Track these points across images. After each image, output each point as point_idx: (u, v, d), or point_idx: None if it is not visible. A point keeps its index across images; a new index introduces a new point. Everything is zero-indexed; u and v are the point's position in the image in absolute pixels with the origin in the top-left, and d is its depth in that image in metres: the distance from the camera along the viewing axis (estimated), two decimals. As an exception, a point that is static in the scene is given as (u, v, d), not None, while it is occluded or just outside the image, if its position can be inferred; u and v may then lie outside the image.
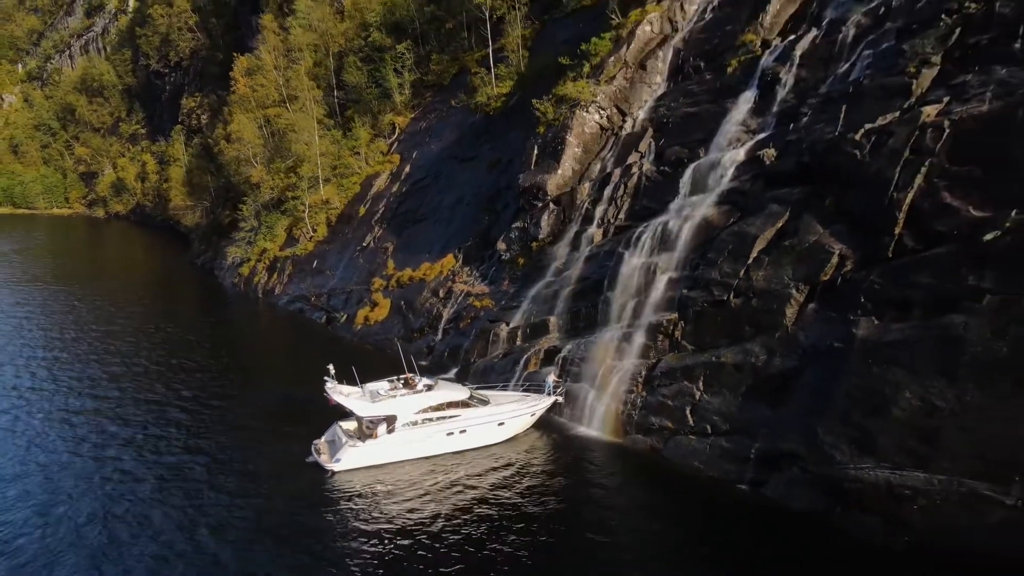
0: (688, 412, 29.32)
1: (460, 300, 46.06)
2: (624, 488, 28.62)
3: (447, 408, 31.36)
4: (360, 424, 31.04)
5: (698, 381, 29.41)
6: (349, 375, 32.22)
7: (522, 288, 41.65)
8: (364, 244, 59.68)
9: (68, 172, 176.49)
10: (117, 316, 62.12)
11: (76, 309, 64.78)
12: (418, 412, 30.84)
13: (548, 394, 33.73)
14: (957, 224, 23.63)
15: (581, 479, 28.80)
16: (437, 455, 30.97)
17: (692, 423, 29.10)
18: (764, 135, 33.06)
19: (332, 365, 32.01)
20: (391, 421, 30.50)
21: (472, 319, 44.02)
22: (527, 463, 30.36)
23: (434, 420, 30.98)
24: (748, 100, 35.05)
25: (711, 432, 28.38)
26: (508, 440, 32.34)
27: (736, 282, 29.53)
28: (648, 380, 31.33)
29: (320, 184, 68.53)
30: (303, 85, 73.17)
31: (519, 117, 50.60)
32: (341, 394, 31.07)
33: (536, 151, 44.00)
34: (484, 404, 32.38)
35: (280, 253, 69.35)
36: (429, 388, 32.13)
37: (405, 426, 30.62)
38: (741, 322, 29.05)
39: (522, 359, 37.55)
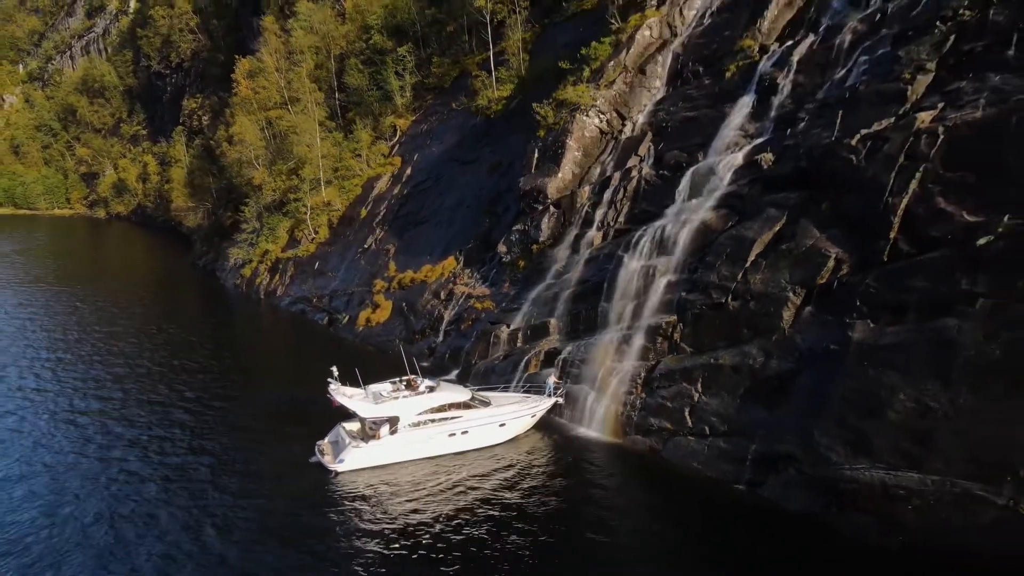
0: (687, 413, 29.69)
1: (461, 302, 46.39)
2: (624, 488, 29.00)
3: (449, 409, 31.73)
4: (363, 425, 31.40)
5: (696, 383, 29.77)
6: (352, 377, 32.60)
7: (523, 290, 41.97)
8: (366, 246, 59.96)
9: (69, 173, 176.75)
10: (120, 317, 62.46)
11: (79, 310, 65.07)
12: (420, 413, 31.20)
13: (548, 395, 34.07)
14: (951, 229, 24.03)
15: (581, 479, 29.16)
16: (439, 456, 31.35)
17: (691, 424, 29.47)
18: (762, 140, 33.43)
19: (335, 367, 32.43)
20: (394, 422, 30.88)
21: (473, 321, 44.35)
22: (528, 464, 30.72)
23: (436, 421, 31.35)
24: (746, 105, 35.40)
25: (709, 433, 28.75)
26: (509, 441, 32.71)
27: (734, 285, 29.89)
28: (647, 382, 31.68)
29: (322, 186, 68.78)
30: (305, 87, 73.36)
31: (519, 120, 50.87)
32: (344, 395, 31.46)
33: (536, 155, 44.34)
34: (485, 405, 32.72)
35: (282, 255, 69.61)
36: (431, 390, 32.48)
37: (408, 427, 30.99)
38: (739, 325, 29.41)
39: (523, 361, 37.87)
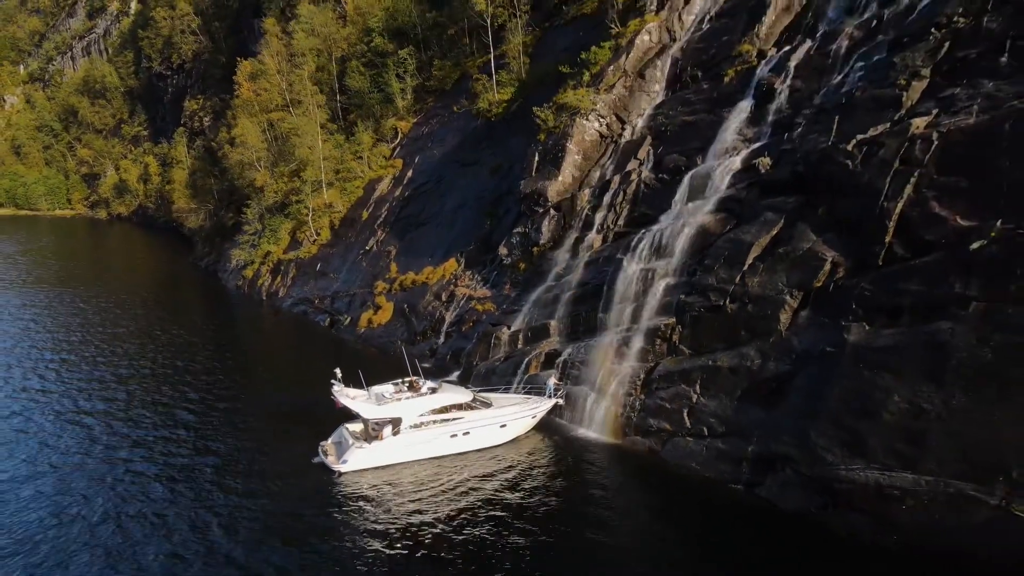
0: (685, 414, 30.10)
1: (462, 304, 46.77)
2: (623, 489, 29.43)
3: (451, 410, 32.13)
4: (366, 426, 31.74)
5: (695, 384, 30.19)
6: (354, 378, 33.01)
7: (523, 292, 42.35)
8: (367, 248, 60.32)
9: (70, 173, 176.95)
10: (122, 318, 62.83)
11: (82, 311, 65.40)
12: (422, 414, 31.60)
13: (549, 397, 34.47)
14: (945, 233, 24.46)
15: (581, 480, 29.56)
16: (441, 456, 31.75)
17: (689, 425, 29.87)
18: (760, 144, 33.84)
19: (339, 369, 32.88)
20: (396, 423, 31.28)
21: (474, 322, 44.73)
22: (529, 464, 31.12)
23: (438, 422, 31.74)
24: (744, 110, 35.80)
25: (707, 434, 29.16)
26: (510, 441, 33.10)
27: (732, 288, 30.29)
28: (647, 383, 32.08)
29: (323, 188, 69.11)
30: (306, 89, 73.63)
31: (520, 123, 51.22)
32: (348, 397, 31.88)
33: (537, 158, 44.72)
34: (487, 406, 33.11)
35: (284, 256, 69.93)
36: (433, 391, 32.87)
37: (410, 428, 31.39)
38: (737, 327, 29.82)
39: (523, 362, 38.24)
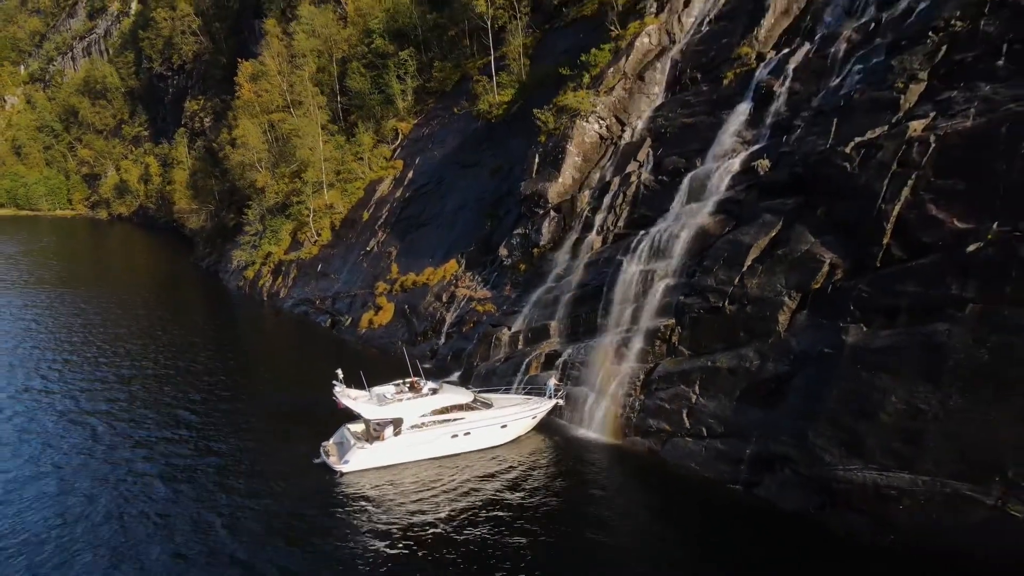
0: (685, 415, 30.30)
1: (463, 304, 46.97)
2: (623, 489, 29.65)
3: (452, 411, 32.33)
4: (368, 426, 31.98)
5: (694, 385, 30.39)
6: (356, 379, 33.22)
7: (523, 293, 42.54)
8: (368, 248, 60.51)
9: (71, 174, 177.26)
10: (124, 319, 63.06)
11: (84, 311, 65.62)
12: (424, 415, 31.82)
13: (549, 397, 34.66)
14: (942, 235, 24.65)
15: (581, 480, 29.78)
16: (442, 456, 31.96)
17: (688, 426, 30.07)
18: (758, 146, 34.03)
19: (340, 370, 33.09)
20: (398, 424, 31.50)
21: (475, 323, 44.93)
22: (529, 464, 31.32)
23: (439, 423, 31.96)
24: (743, 112, 35.97)
25: (707, 434, 29.37)
26: (511, 442, 33.31)
27: (731, 289, 30.49)
28: (646, 384, 32.29)
29: (324, 189, 69.31)
30: (307, 91, 73.85)
31: (520, 124, 51.40)
32: (349, 397, 32.09)
33: (537, 159, 44.90)
34: (487, 407, 33.32)
35: (285, 257, 70.13)
36: (434, 392, 33.08)
37: (411, 428, 31.60)
38: (736, 328, 30.02)
39: (524, 363, 38.44)
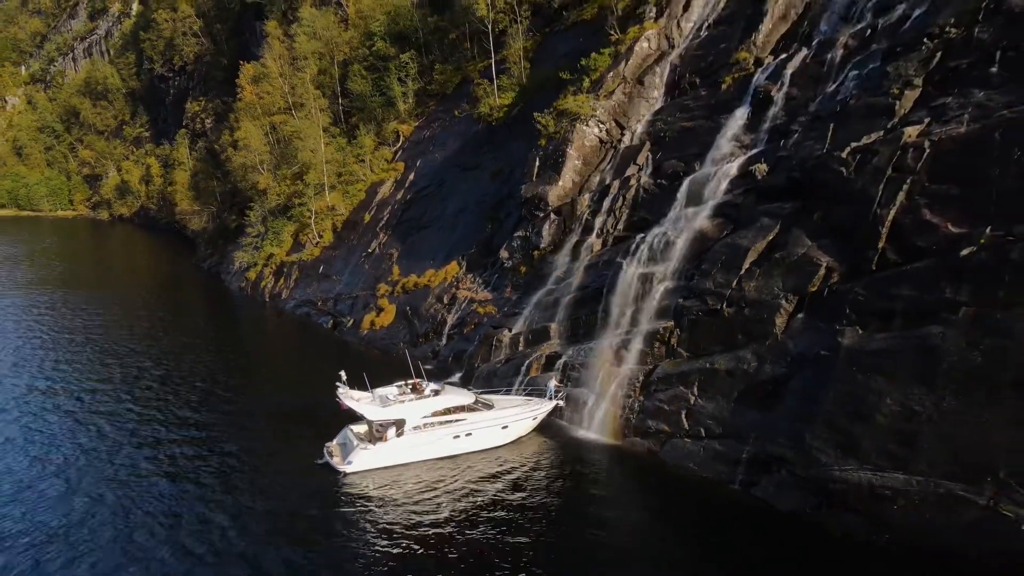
0: (683, 416, 30.72)
1: (464, 306, 47.38)
2: (623, 489, 30.12)
3: (453, 412, 32.76)
4: (370, 427, 32.39)
5: (693, 386, 30.82)
6: (359, 380, 33.63)
7: (524, 295, 42.93)
8: (369, 250, 60.88)
9: (72, 174, 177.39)
10: (126, 320, 63.46)
11: (86, 312, 65.95)
12: (426, 416, 32.24)
13: (550, 398, 35.07)
14: (936, 240, 25.11)
15: (582, 480, 30.21)
16: (444, 457, 32.37)
17: (687, 427, 30.49)
18: (756, 151, 34.42)
19: (344, 371, 33.51)
20: (400, 425, 31.93)
21: (476, 325, 45.33)
22: (530, 465, 31.73)
23: (441, 424, 32.39)
24: (741, 116, 36.36)
25: (705, 435, 29.80)
26: (511, 443, 33.72)
27: (729, 292, 30.92)
28: (645, 385, 32.71)
29: (326, 191, 69.64)
30: (308, 93, 74.17)
31: (521, 128, 51.75)
32: (352, 399, 32.52)
33: (538, 163, 45.30)
34: (488, 408, 33.74)
35: (287, 258, 70.47)
36: (436, 393, 33.50)
37: (413, 429, 32.03)
38: (734, 330, 30.44)
39: (524, 364, 38.83)
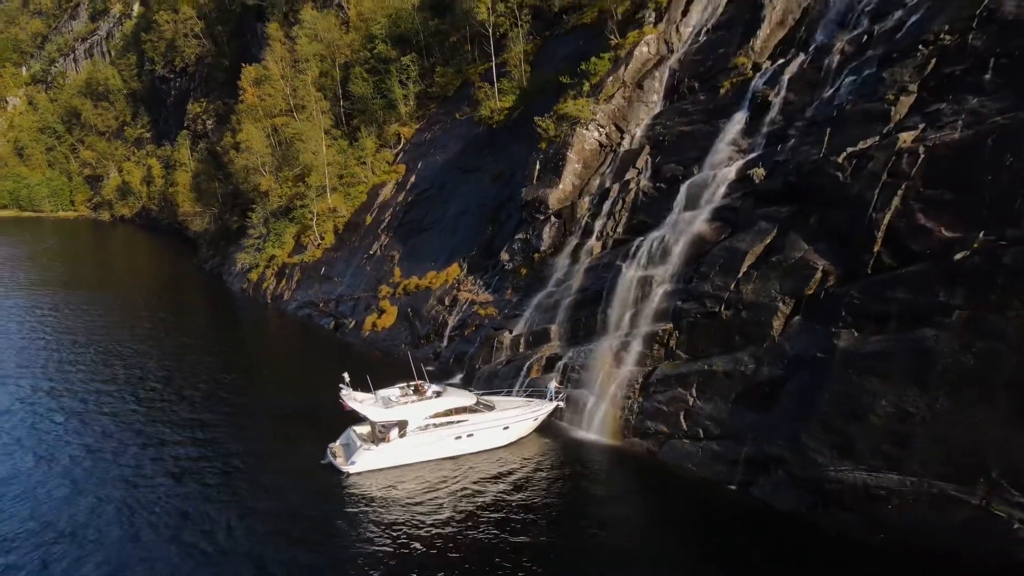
0: (682, 417, 31.15)
1: (465, 308, 47.81)
2: (622, 489, 30.52)
3: (455, 413, 33.18)
4: (373, 428, 32.82)
5: (691, 388, 31.25)
6: (362, 382, 34.03)
7: (524, 297, 43.34)
8: (371, 252, 61.29)
9: (73, 175, 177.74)
10: (129, 321, 63.82)
11: (88, 313, 66.38)
12: (428, 417, 32.68)
13: (550, 399, 35.51)
14: (930, 244, 25.53)
15: (582, 481, 30.65)
16: (446, 458, 32.79)
17: (686, 428, 30.93)
18: (754, 155, 34.84)
19: (347, 373, 33.94)
20: (403, 426, 32.36)
21: (477, 327, 45.76)
22: (530, 466, 32.14)
23: (443, 425, 32.82)
24: (739, 121, 36.75)
25: (703, 436, 30.23)
26: (512, 443, 34.15)
27: (727, 295, 31.34)
28: (645, 387, 33.14)
29: (327, 193, 70.02)
30: (310, 95, 74.53)
31: (521, 131, 52.11)
32: (355, 400, 32.96)
33: (538, 166, 45.71)
34: (490, 409, 34.15)
35: (289, 260, 70.86)
36: (438, 394, 33.96)
37: (416, 430, 32.46)
38: (731, 333, 30.87)
39: (525, 366, 39.26)
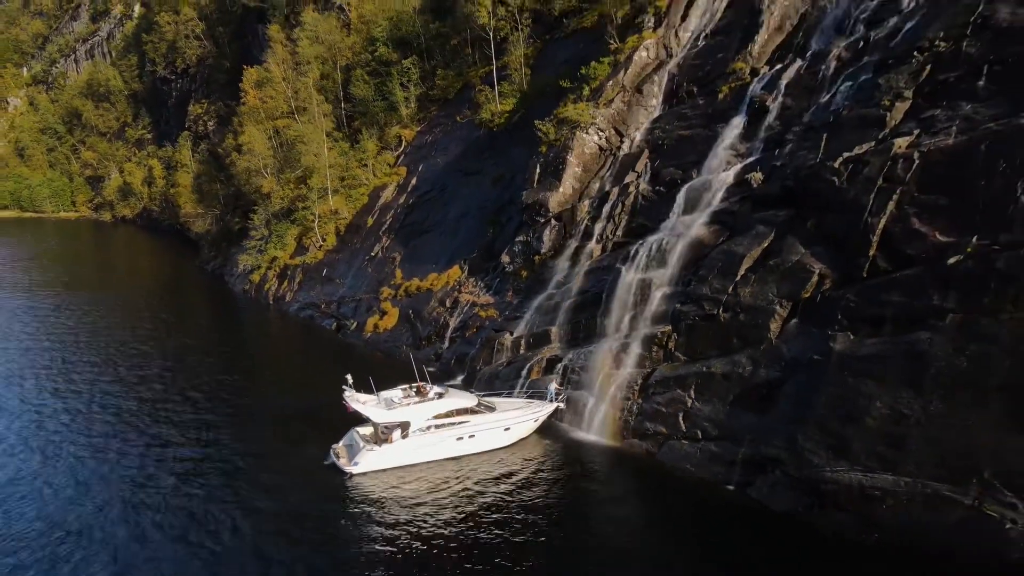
0: (680, 418, 31.57)
1: (466, 310, 48.22)
2: (622, 489, 30.89)
3: (456, 414, 33.61)
4: (376, 429, 33.24)
5: (690, 390, 31.67)
6: (365, 384, 34.45)
7: (525, 299, 43.76)
8: (372, 254, 61.69)
9: (74, 176, 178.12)
10: (131, 322, 64.20)
11: (90, 314, 66.79)
12: (430, 418, 33.11)
13: (550, 401, 35.91)
14: (924, 248, 25.94)
15: (582, 481, 31.06)
16: (448, 458, 33.20)
17: (684, 429, 31.35)
18: (752, 159, 35.23)
19: (350, 375, 34.37)
20: (405, 427, 32.78)
21: (477, 328, 46.17)
22: (531, 466, 32.55)
23: (445, 426, 33.24)
24: (737, 125, 37.13)
25: (701, 437, 30.65)
26: (513, 444, 34.55)
27: (725, 298, 31.75)
28: (644, 388, 33.56)
29: (329, 195, 70.40)
30: (311, 97, 74.91)
31: (522, 134, 52.52)
32: (358, 402, 33.38)
33: (538, 169, 46.12)
34: (491, 410, 34.59)
35: (290, 261, 71.24)
36: (440, 396, 34.41)
37: (418, 431, 32.88)
38: (729, 335, 31.29)
39: (525, 367, 39.68)
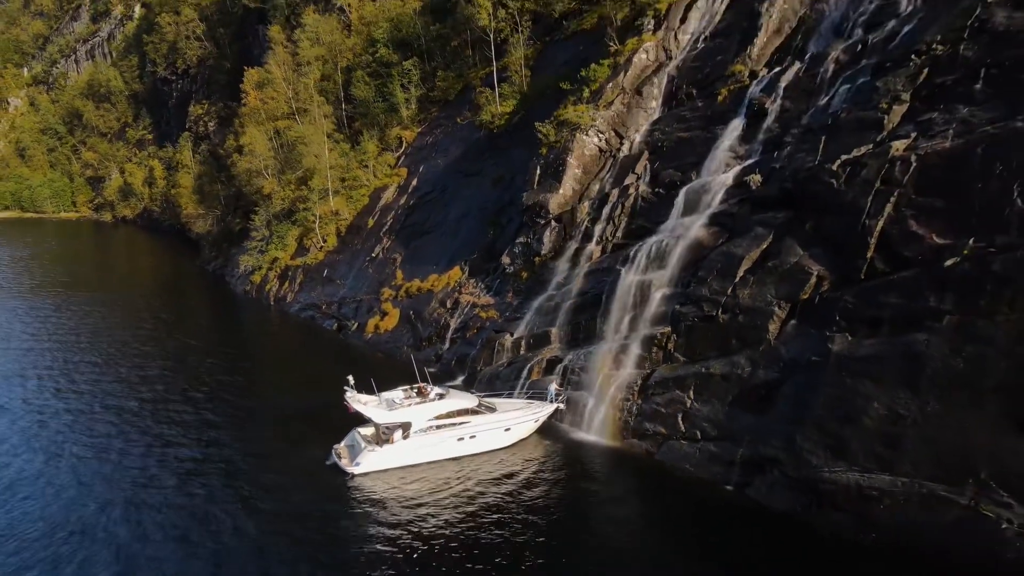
0: (680, 419, 31.80)
1: (466, 311, 48.43)
2: (621, 489, 31.10)
3: (457, 415, 33.82)
4: (377, 430, 33.45)
5: (689, 390, 31.90)
6: (366, 385, 34.67)
7: (525, 300, 43.97)
8: (373, 255, 61.90)
9: (75, 176, 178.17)
10: (132, 322, 64.43)
11: (92, 315, 67.00)
12: (431, 419, 33.32)
13: (550, 401, 36.12)
14: (922, 250, 26.18)
15: (582, 481, 31.28)
16: (448, 459, 33.42)
17: (683, 429, 31.57)
18: (751, 161, 35.47)
19: (351, 376, 34.58)
20: (406, 427, 33.00)
21: (478, 329, 46.37)
22: (531, 467, 32.76)
23: (446, 426, 33.46)
24: (736, 127, 37.35)
25: (701, 438, 30.88)
26: (514, 444, 34.77)
27: (724, 299, 31.98)
28: (643, 389, 33.78)
29: (330, 196, 70.61)
30: (312, 98, 75.10)
31: (522, 135, 52.68)
32: (360, 402, 33.60)
33: (539, 171, 46.35)
34: (491, 411, 34.79)
35: (291, 262, 71.41)
36: (441, 396, 34.62)
37: (419, 432, 33.10)
38: (728, 336, 31.53)
39: (526, 368, 39.92)
